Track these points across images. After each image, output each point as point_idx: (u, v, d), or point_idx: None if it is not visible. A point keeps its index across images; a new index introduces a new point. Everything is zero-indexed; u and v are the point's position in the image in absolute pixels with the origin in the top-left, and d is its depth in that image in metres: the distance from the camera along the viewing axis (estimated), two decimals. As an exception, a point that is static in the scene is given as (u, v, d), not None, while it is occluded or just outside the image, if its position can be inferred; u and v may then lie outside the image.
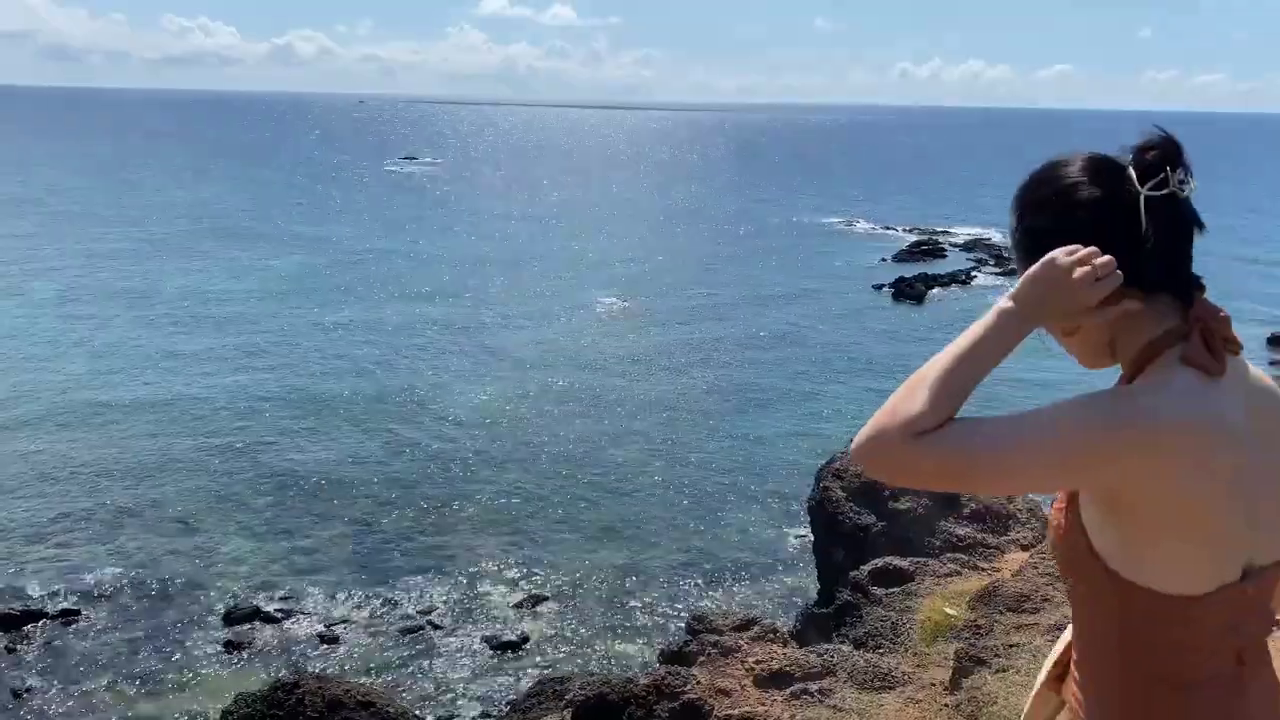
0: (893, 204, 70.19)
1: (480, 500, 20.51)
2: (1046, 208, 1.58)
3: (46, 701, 14.03)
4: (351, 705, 4.49)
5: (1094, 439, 1.43)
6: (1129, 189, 1.51)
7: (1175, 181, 1.49)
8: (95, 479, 20.77)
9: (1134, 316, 1.53)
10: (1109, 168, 1.55)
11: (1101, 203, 1.51)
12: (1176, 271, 1.53)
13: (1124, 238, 1.49)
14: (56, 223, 51.97)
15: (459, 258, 46.78)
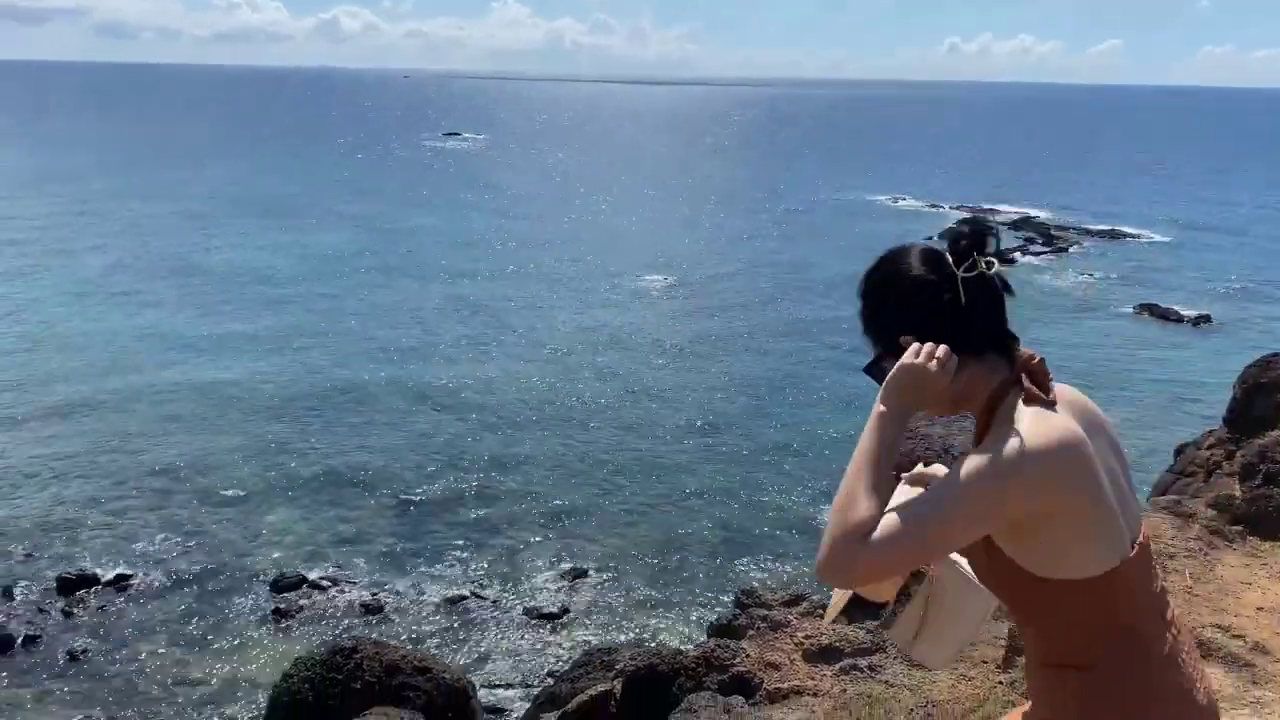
0: (940, 181, 69.21)
1: (521, 475, 20.63)
2: (887, 294, 1.95)
3: (101, 664, 14.39)
4: (408, 670, 4.54)
5: (1002, 494, 1.74)
6: (949, 273, 1.87)
7: (983, 262, 1.87)
8: (145, 452, 21.17)
9: (974, 374, 1.88)
10: (934, 257, 1.92)
11: (930, 286, 1.89)
12: (996, 333, 1.92)
13: (952, 315, 1.87)
14: (103, 198, 52.85)
15: (501, 235, 46.91)
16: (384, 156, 74.13)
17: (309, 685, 4.61)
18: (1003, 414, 1.84)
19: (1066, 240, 48.60)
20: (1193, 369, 28.92)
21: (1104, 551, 1.80)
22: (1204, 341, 32.18)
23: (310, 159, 71.64)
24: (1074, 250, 46.87)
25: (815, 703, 4.77)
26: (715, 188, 65.35)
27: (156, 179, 58.82)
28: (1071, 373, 28.31)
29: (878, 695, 4.39)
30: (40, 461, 20.36)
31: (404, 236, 44.96)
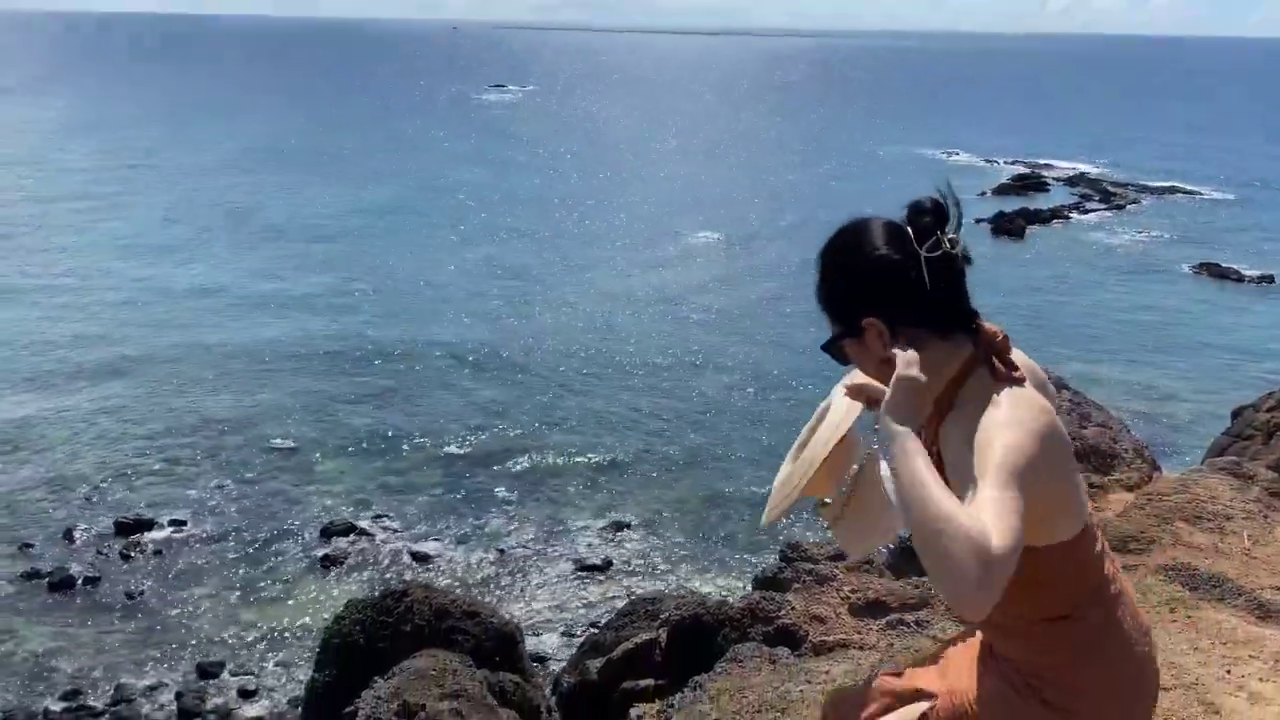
0: (995, 135, 67.72)
1: (565, 429, 20.74)
2: (849, 274, 1.93)
3: (157, 605, 14.80)
4: (457, 614, 4.60)
5: (1035, 473, 1.69)
6: (913, 252, 1.84)
7: (947, 241, 1.85)
8: (197, 402, 21.57)
9: (939, 352, 1.86)
10: (897, 234, 1.87)
11: (894, 266, 1.84)
12: (959, 312, 1.89)
13: (916, 296, 1.84)
14: (152, 150, 53.45)
15: (546, 190, 46.80)
16: (430, 110, 74.14)
17: (360, 627, 4.69)
18: (970, 391, 1.83)
19: (1124, 197, 47.42)
20: (1253, 330, 28.22)
21: (1078, 513, 1.88)
22: (1266, 302, 31.34)
23: (357, 112, 71.84)
24: (1131, 208, 45.74)
25: (861, 656, 4.75)
26: (764, 141, 64.57)
27: (202, 131, 59.34)
28: (1126, 333, 27.74)
29: (925, 649, 4.35)
30: (97, 411, 20.85)
31: (449, 192, 45.02)
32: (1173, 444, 18.81)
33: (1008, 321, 8.66)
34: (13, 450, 19.00)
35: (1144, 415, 20.26)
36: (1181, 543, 5.44)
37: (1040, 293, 31.64)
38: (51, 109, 65.09)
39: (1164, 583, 4.87)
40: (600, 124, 69.67)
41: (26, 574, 15.21)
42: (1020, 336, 7.62)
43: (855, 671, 4.53)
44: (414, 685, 3.78)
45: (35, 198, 39.87)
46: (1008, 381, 1.83)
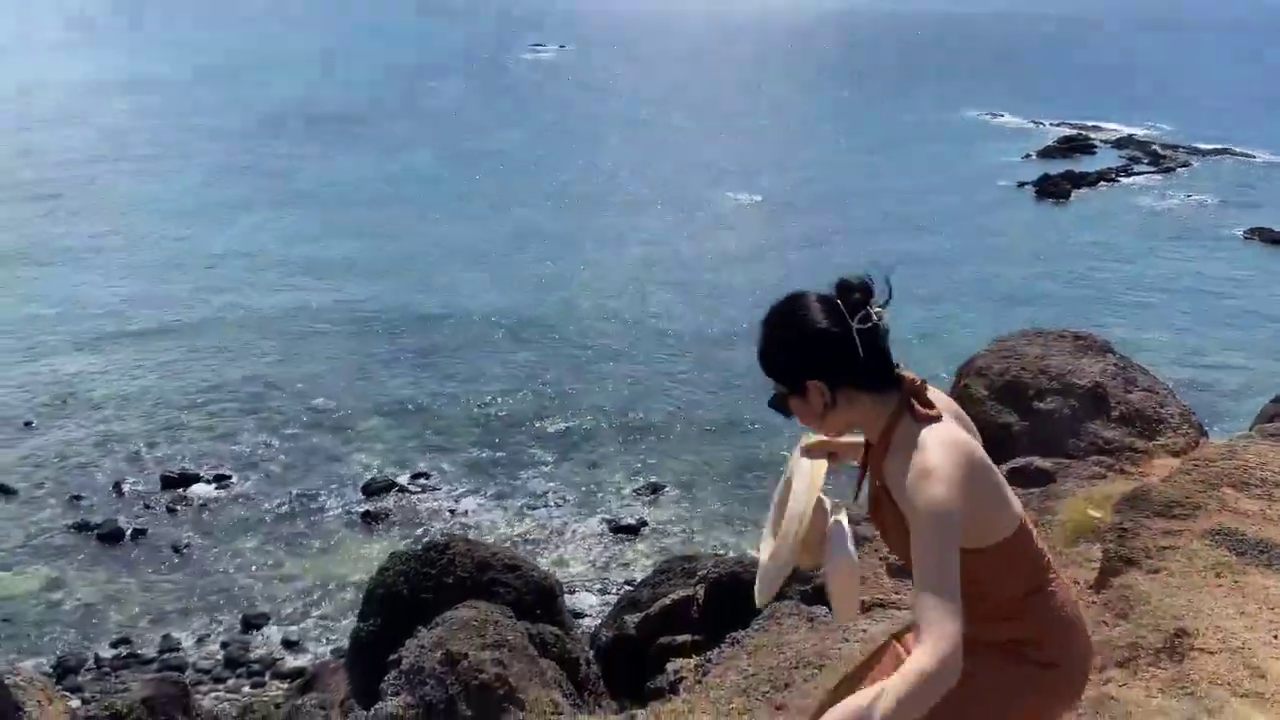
0: (1040, 97, 66.31)
1: (600, 392, 20.79)
2: (793, 345, 2.21)
3: (202, 558, 15.13)
4: (498, 567, 4.65)
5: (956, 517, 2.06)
6: (845, 325, 2.16)
7: (874, 314, 2.17)
8: (242, 362, 21.86)
9: (869, 406, 2.20)
10: (832, 309, 2.18)
11: (832, 339, 2.16)
12: (885, 371, 2.20)
13: (850, 359, 2.16)
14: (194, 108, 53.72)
15: (583, 153, 46.58)
16: (469, 70, 73.90)
17: (404, 578, 4.76)
18: (900, 438, 2.16)
19: (1173, 160, 46.32)
20: (1305, 297, 27.58)
21: (1012, 511, 2.20)
22: (1318, 269, 30.59)
23: (396, 71, 71.72)
24: (1181, 171, 44.69)
25: (900, 615, 4.75)
26: (802, 106, 63.75)
27: (238, 92, 59.46)
28: (1173, 298, 27.24)
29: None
30: (143, 370, 21.21)
31: (484, 155, 44.89)
32: (1220, 411, 18.51)
33: (1050, 286, 8.67)
34: (62, 406, 19.42)
35: (1191, 381, 19.93)
36: (1228, 509, 5.36)
37: (1085, 257, 31.10)
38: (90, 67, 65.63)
39: (1210, 548, 4.81)
40: (639, 85, 69.12)
41: (77, 526, 15.60)
42: (1064, 301, 7.65)
43: (893, 630, 4.53)
44: (457, 635, 3.83)
45: (80, 158, 40.35)
46: (926, 421, 2.16)
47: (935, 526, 2.04)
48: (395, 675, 3.73)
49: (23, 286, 25.72)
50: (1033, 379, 7.47)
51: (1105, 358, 7.81)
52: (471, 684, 3.69)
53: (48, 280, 26.27)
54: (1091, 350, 7.90)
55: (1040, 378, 7.48)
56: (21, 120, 47.55)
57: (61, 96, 54.48)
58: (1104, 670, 3.74)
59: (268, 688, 12.46)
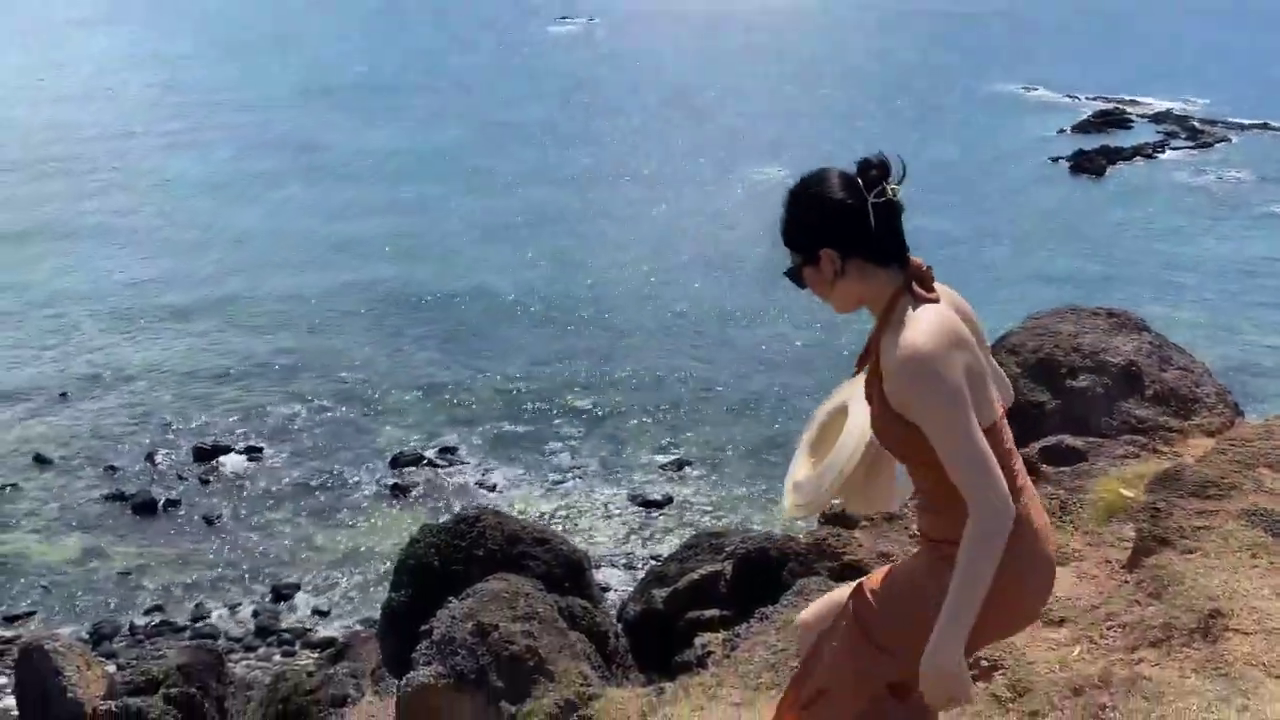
0: (1076, 70, 65.25)
1: (627, 368, 20.80)
2: (812, 213, 2.38)
3: (233, 528, 15.34)
4: (528, 540, 4.68)
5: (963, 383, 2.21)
6: (861, 198, 2.31)
7: (889, 190, 2.32)
8: (273, 332, 22.06)
9: (877, 280, 2.34)
10: (850, 183, 2.35)
11: (848, 209, 2.31)
12: (895, 248, 2.35)
13: (865, 234, 2.31)
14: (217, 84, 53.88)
15: (611, 127, 46.38)
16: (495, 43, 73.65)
17: (434, 550, 4.80)
18: (898, 314, 2.30)
19: (1212, 135, 45.46)
20: (1345, 276, 27.08)
21: (987, 409, 2.28)
22: (1359, 247, 30.01)
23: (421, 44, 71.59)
24: (1220, 146, 43.85)
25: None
26: (831, 79, 63.10)
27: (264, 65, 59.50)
28: (1210, 276, 26.82)
29: (995, 589, 4.32)
30: (177, 343, 21.46)
31: (514, 130, 44.78)
32: (1257, 391, 18.26)
33: (1085, 263, 8.56)
34: (97, 379, 19.69)
35: (1227, 361, 19.65)
36: (1264, 489, 5.29)
37: (1120, 232, 30.68)
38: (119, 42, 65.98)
39: (1245, 528, 4.76)
40: (664, 60, 68.67)
41: (111, 496, 15.86)
42: (1098, 278, 7.56)
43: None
44: (488, 606, 3.86)
45: (108, 133, 40.66)
46: (922, 302, 2.31)
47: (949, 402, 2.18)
48: (427, 645, 3.77)
49: (56, 261, 26.05)
50: (1065, 357, 7.38)
51: (1140, 336, 7.70)
52: (502, 655, 3.72)
53: (80, 255, 26.58)
54: (1126, 328, 7.79)
55: (1073, 355, 7.39)
56: (50, 95, 47.89)
57: (88, 71, 54.81)
58: (1136, 650, 3.71)
59: (298, 656, 12.65)
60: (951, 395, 2.17)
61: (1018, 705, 3.52)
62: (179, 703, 6.23)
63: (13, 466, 16.56)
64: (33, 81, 50.45)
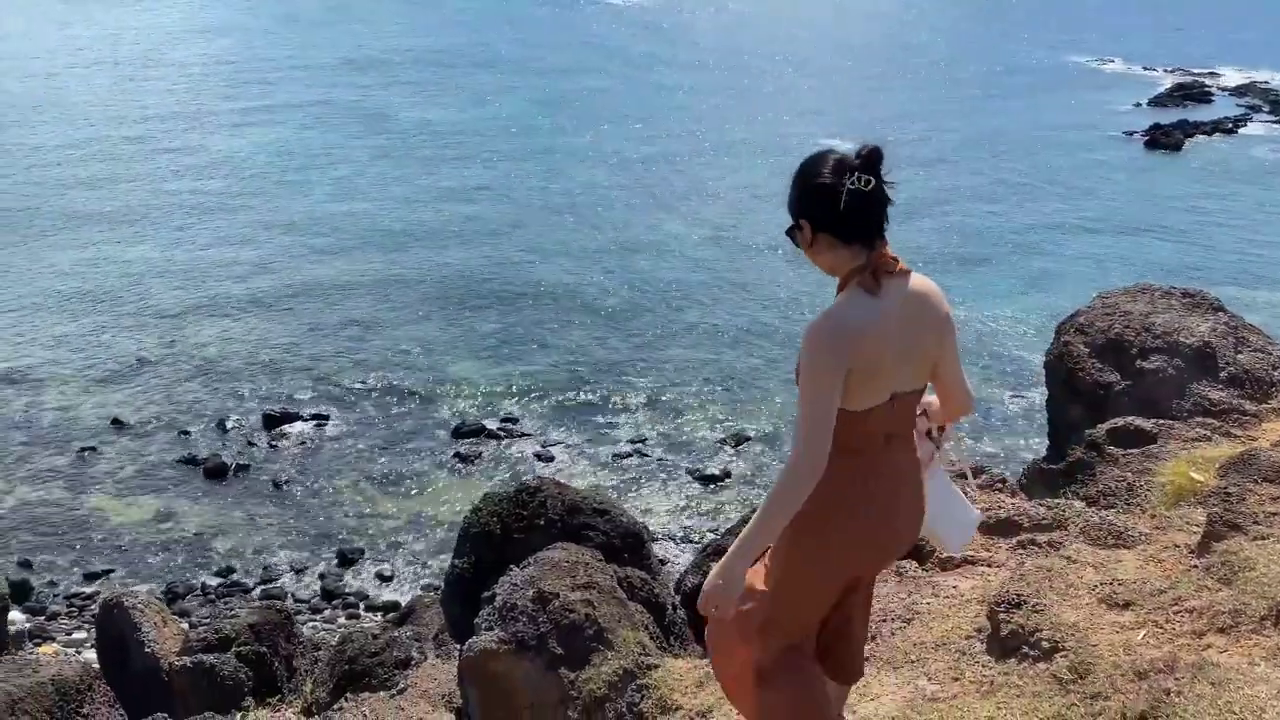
0: (1153, 40, 63.17)
1: (687, 340, 20.80)
2: (799, 186, 2.71)
3: (301, 494, 15.73)
4: (588, 511, 4.74)
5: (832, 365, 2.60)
6: (839, 180, 2.60)
7: (861, 180, 2.59)
8: (340, 305, 22.41)
9: (841, 255, 2.68)
10: (839, 166, 2.63)
11: (824, 189, 2.63)
12: (863, 231, 2.65)
13: (832, 210, 2.62)
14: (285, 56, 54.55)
15: (673, 100, 46.11)
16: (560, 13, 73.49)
17: (496, 519, 4.88)
18: (847, 291, 2.68)
19: (1298, 109, 43.81)
20: None
21: (869, 395, 2.65)
22: None
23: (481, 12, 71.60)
24: (1306, 120, 42.25)
25: (990, 573, 4.69)
26: (897, 49, 61.89)
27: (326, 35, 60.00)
28: None
29: (1057, 569, 4.26)
30: (248, 313, 21.93)
31: (575, 103, 44.77)
32: (1335, 375, 17.63)
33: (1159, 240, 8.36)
34: (171, 345, 20.25)
35: (1304, 344, 19.02)
36: (1343, 475, 5.14)
37: (1196, 210, 29.77)
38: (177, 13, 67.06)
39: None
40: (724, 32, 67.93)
41: (185, 460, 16.35)
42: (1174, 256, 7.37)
43: (983, 587, 4.49)
44: (548, 575, 3.92)
45: (185, 110, 41.44)
46: (856, 290, 2.66)
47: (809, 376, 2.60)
48: (489, 611, 3.84)
49: (131, 237, 26.73)
50: (1136, 337, 7.22)
51: (1215, 316, 7.49)
52: (562, 623, 3.78)
53: (154, 232, 27.19)
54: (1200, 308, 7.59)
55: (1144, 335, 7.22)
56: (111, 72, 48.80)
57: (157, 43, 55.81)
58: (1204, 636, 3.65)
59: (362, 619, 12.96)
60: (812, 371, 2.59)
61: (1079, 687, 3.49)
62: (250, 660, 6.44)
63: (92, 430, 17.14)
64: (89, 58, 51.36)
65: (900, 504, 2.86)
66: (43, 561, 14.03)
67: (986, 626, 4.00)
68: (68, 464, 16.19)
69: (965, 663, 3.88)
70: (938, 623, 4.15)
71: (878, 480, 2.79)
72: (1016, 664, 3.74)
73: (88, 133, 36.47)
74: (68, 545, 14.37)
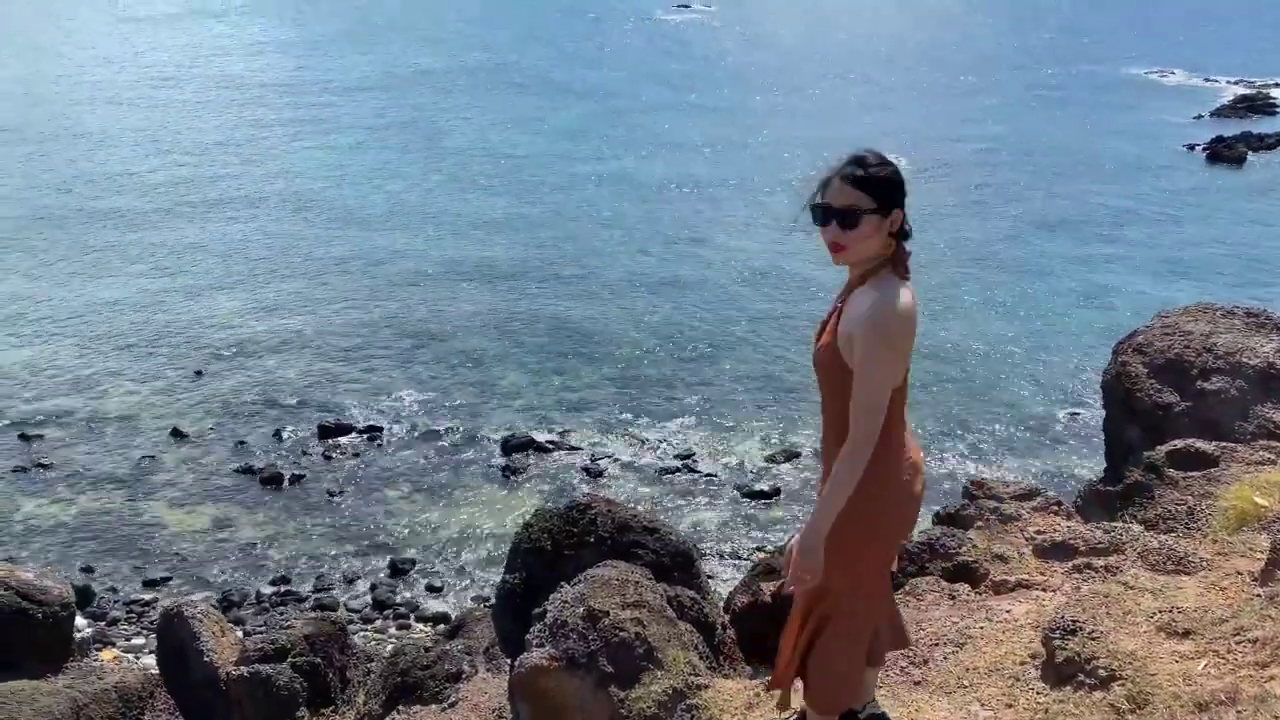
0: (1215, 51, 61.89)
1: (735, 355, 20.74)
2: (898, 178, 2.99)
3: (354, 504, 15.93)
4: (638, 529, 4.76)
5: (899, 348, 2.96)
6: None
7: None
8: (393, 317, 22.71)
9: (886, 245, 3.00)
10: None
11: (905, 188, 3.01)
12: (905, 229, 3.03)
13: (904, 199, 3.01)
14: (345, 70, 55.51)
15: (728, 112, 46.12)
16: (612, 29, 73.96)
17: (547, 535, 4.92)
18: (882, 278, 2.96)
19: (1367, 121, 42.60)
20: None
21: (899, 376, 2.98)
22: None
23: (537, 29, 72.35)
24: (1375, 133, 41.06)
25: (1045, 598, 4.63)
26: (953, 62, 61.33)
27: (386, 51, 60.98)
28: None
29: (1115, 595, 4.19)
30: (304, 326, 22.30)
31: (628, 115, 45.01)
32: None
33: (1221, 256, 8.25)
34: (232, 357, 20.67)
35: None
36: None
37: (1259, 225, 29.07)
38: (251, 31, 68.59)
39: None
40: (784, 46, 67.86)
41: (241, 469, 16.66)
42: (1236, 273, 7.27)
43: (1037, 612, 4.43)
44: (598, 593, 3.94)
45: (250, 120, 42.38)
46: (902, 279, 2.96)
47: (877, 355, 2.85)
48: (540, 628, 3.88)
49: (194, 246, 27.36)
50: (1197, 357, 7.08)
51: (1272, 336, 7.33)
52: (612, 640, 3.79)
53: (214, 242, 27.80)
54: (1265, 328, 7.43)
55: (1205, 356, 7.08)
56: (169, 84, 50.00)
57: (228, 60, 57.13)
58: (1267, 667, 3.56)
59: (412, 630, 13.09)
60: (883, 352, 2.84)
61: (1137, 717, 3.43)
62: (305, 671, 6.55)
63: (152, 439, 17.55)
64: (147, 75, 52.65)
65: (918, 480, 3.14)
66: (104, 568, 14.37)
67: (1041, 653, 3.95)
68: (128, 473, 16.59)
69: (1019, 689, 3.83)
70: (991, 648, 4.11)
71: (905, 455, 3.10)
72: (1072, 692, 3.68)
73: (148, 148, 37.47)
74: (128, 552, 14.71)
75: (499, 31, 71.28)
